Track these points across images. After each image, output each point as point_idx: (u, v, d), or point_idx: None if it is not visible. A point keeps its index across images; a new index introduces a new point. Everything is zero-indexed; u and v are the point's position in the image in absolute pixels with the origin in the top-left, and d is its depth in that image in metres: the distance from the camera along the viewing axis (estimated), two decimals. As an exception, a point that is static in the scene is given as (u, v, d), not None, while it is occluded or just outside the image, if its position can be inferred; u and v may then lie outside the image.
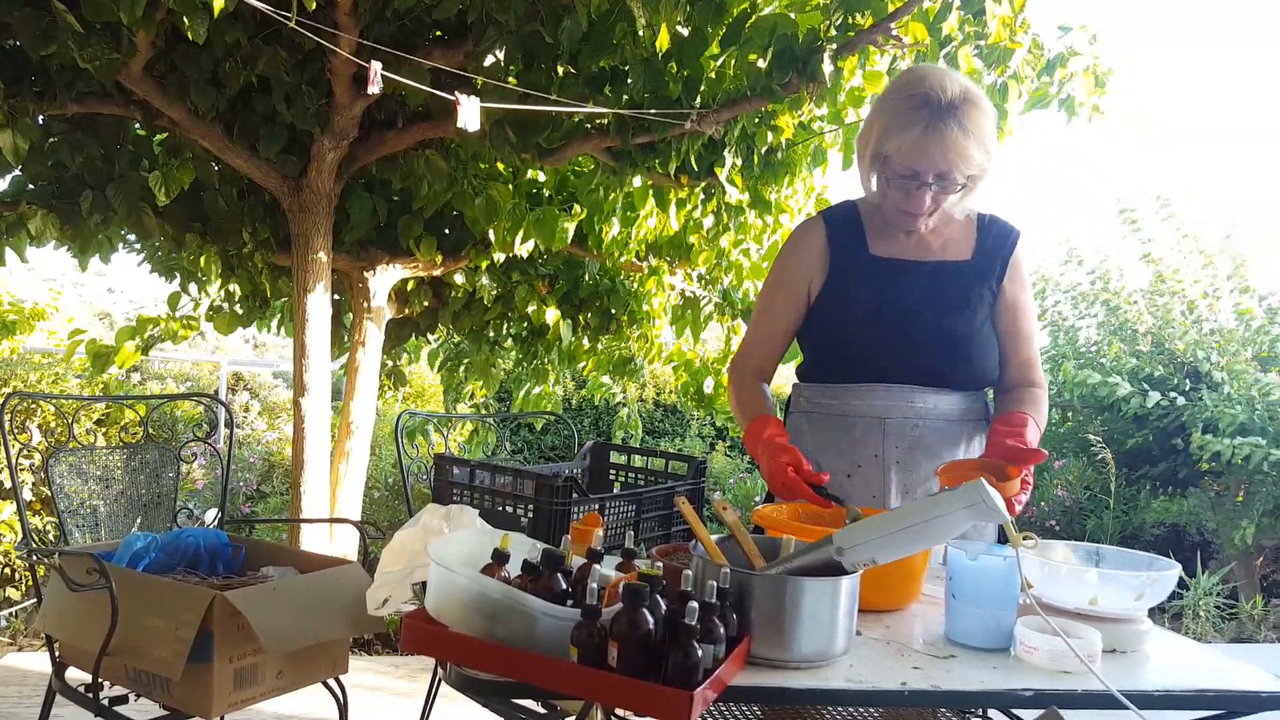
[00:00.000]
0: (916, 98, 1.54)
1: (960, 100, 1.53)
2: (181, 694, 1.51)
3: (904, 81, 1.61)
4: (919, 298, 1.67)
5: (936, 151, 1.53)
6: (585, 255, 4.13)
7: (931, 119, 1.52)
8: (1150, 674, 1.24)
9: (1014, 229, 1.75)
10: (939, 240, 1.72)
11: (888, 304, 1.66)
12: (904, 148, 1.55)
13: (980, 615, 1.27)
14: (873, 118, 1.63)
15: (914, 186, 1.58)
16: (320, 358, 3.58)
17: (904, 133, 1.54)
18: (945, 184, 1.58)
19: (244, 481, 6.48)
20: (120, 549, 1.71)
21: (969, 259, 1.71)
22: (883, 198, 1.66)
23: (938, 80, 1.54)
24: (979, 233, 1.72)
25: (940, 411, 1.69)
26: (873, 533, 1.16)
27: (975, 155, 1.55)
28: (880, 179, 1.65)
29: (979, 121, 1.54)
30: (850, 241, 1.73)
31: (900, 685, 1.12)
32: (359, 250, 3.90)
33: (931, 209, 1.63)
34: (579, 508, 1.57)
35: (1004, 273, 1.70)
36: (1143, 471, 6.71)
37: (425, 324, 4.48)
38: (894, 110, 1.57)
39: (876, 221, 1.73)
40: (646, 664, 0.99)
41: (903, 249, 1.71)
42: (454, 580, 1.06)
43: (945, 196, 1.61)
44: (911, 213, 1.63)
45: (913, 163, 1.56)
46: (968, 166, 1.56)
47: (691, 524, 1.28)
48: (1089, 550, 1.49)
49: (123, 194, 3.44)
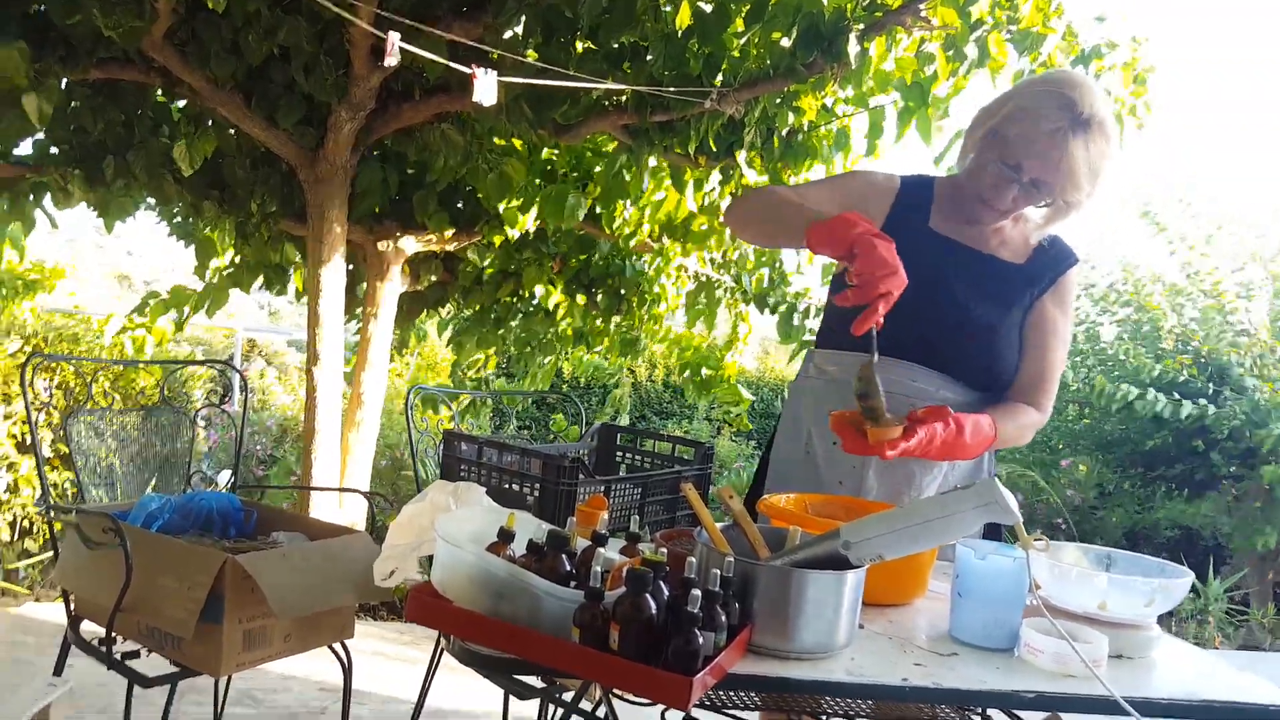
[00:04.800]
0: (1063, 97, 1.52)
1: (1096, 123, 1.52)
2: (192, 652, 1.55)
3: (1058, 78, 1.60)
4: (960, 283, 1.66)
5: (1051, 157, 1.52)
6: (598, 234, 4.12)
7: (1064, 125, 1.50)
8: (1156, 682, 1.23)
9: (1073, 253, 1.74)
10: (998, 239, 1.71)
11: (927, 280, 1.61)
12: (1025, 136, 1.53)
13: (986, 615, 1.26)
14: (1009, 96, 1.61)
15: (1008, 179, 1.57)
16: (334, 327, 3.59)
17: (1033, 123, 1.52)
18: (1036, 192, 1.57)
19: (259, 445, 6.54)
20: (135, 509, 1.74)
21: (1021, 264, 1.70)
22: (969, 177, 1.65)
23: (1089, 94, 1.52)
24: (1038, 245, 1.71)
25: (942, 398, 1.65)
26: (881, 528, 1.15)
27: (1082, 181, 1.54)
28: (979, 157, 1.62)
29: (1103, 151, 1.53)
30: (915, 209, 1.72)
31: (901, 680, 1.12)
32: (373, 222, 3.90)
33: (1009, 209, 1.62)
34: (585, 489, 1.57)
35: (1049, 288, 1.69)
36: (1159, 472, 6.65)
37: (435, 298, 4.49)
38: (1035, 98, 1.55)
39: (946, 201, 1.72)
40: (648, 647, 0.99)
41: (961, 233, 1.70)
42: (460, 557, 1.06)
43: (1028, 203, 1.61)
44: (990, 204, 1.62)
45: (1022, 155, 1.54)
46: (1070, 187, 1.55)
47: (697, 510, 1.27)
48: (1100, 554, 1.48)
49: (143, 160, 3.45)
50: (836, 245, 1.36)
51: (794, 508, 1.54)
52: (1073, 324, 1.76)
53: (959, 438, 1.45)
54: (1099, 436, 6.94)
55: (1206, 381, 6.24)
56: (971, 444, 1.48)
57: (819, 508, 1.58)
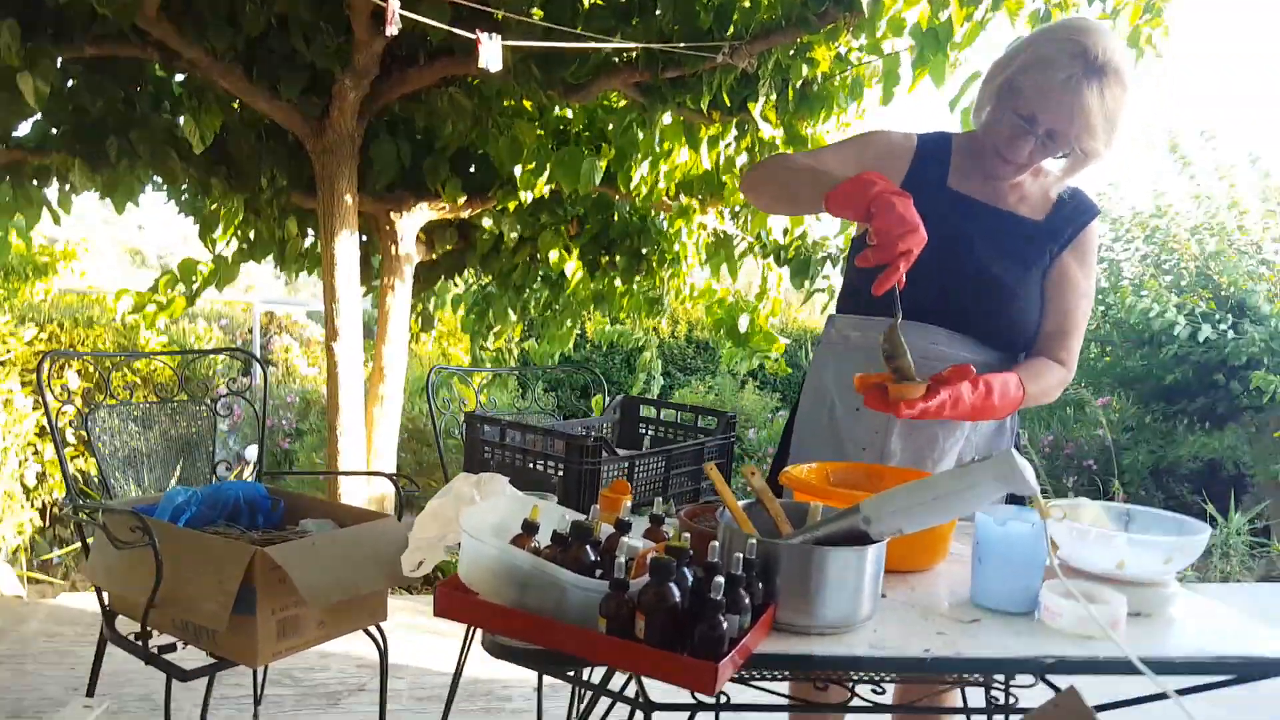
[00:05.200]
0: (1075, 44, 1.48)
1: (1111, 69, 1.48)
2: (227, 644, 1.58)
3: (1070, 26, 1.55)
4: (979, 242, 1.64)
5: (1065, 106, 1.49)
6: (614, 195, 4.08)
7: (1077, 73, 1.47)
8: (1174, 639, 1.24)
9: (1094, 205, 1.71)
10: (1017, 194, 1.69)
11: (946, 239, 1.59)
12: (1039, 86, 1.51)
13: (1006, 580, 1.28)
14: (1022, 46, 1.58)
15: (1023, 131, 1.54)
16: (350, 301, 3.61)
17: (1046, 73, 1.49)
18: (1053, 144, 1.55)
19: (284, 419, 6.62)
20: (162, 502, 1.76)
21: (1040, 220, 1.68)
22: (986, 132, 1.63)
23: (1101, 39, 1.49)
24: (1058, 199, 1.69)
25: (962, 359, 1.64)
26: (900, 503, 1.16)
27: (1099, 128, 1.50)
28: (994, 111, 1.60)
29: (1118, 98, 1.50)
30: (933, 169, 1.70)
31: (923, 652, 1.13)
32: (385, 192, 3.89)
33: (1026, 164, 1.60)
34: (609, 467, 1.58)
35: (1069, 243, 1.67)
36: (1180, 406, 6.64)
37: (452, 266, 4.48)
38: (1048, 46, 1.52)
39: (963, 158, 1.70)
40: (674, 635, 1.01)
41: (979, 190, 1.68)
42: (484, 550, 1.08)
43: (1045, 155, 1.58)
44: (1007, 159, 1.60)
45: (1036, 107, 1.52)
46: (1086, 136, 1.52)
47: (720, 491, 1.28)
48: (1119, 511, 1.48)
49: (146, 138, 3.44)
50: (855, 206, 1.34)
51: (815, 478, 1.55)
52: (1095, 278, 1.74)
53: (988, 399, 1.43)
54: (1121, 374, 6.91)
55: (1226, 313, 6.19)
56: (1000, 405, 1.47)
57: (841, 476, 1.59)
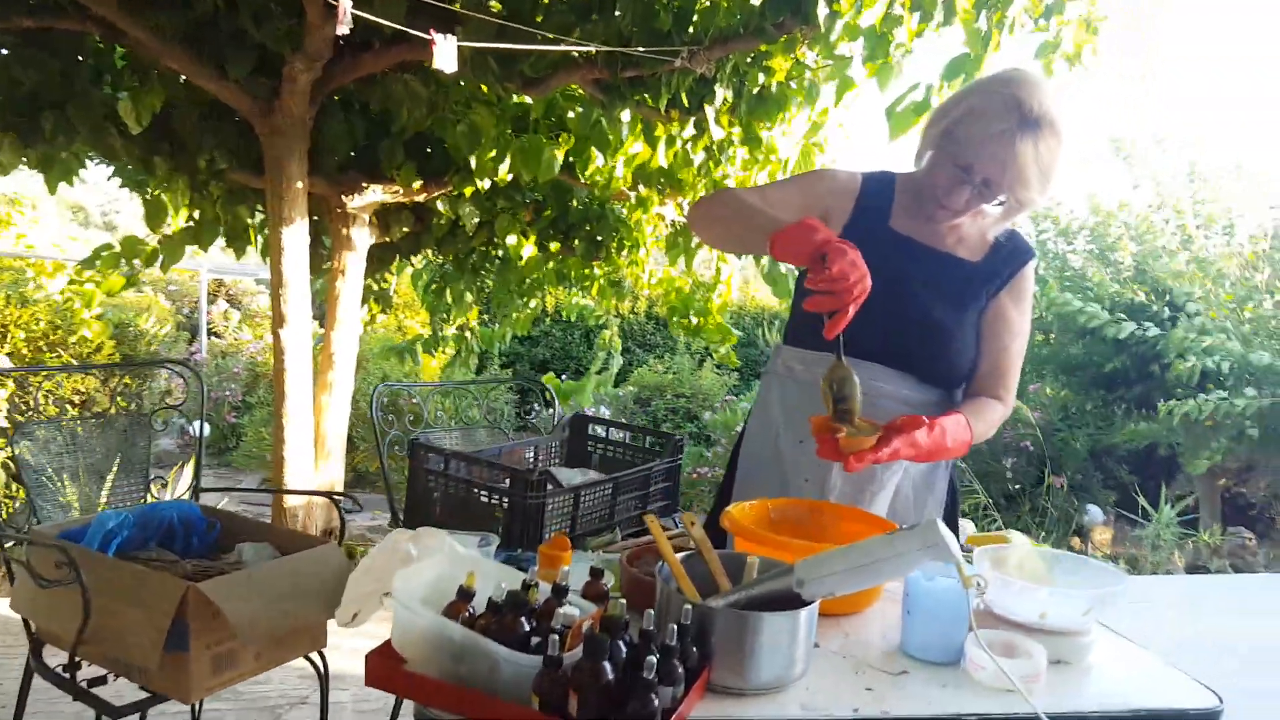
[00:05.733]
0: (1011, 98, 1.51)
1: (1046, 122, 1.50)
2: (160, 679, 1.54)
3: (1009, 78, 1.57)
4: (919, 283, 1.67)
5: (1000, 159, 1.52)
6: (573, 183, 4.04)
7: (1012, 125, 1.50)
8: (1091, 689, 1.29)
9: (1030, 248, 1.75)
10: (955, 236, 1.72)
11: (889, 281, 1.62)
12: (975, 138, 1.53)
13: (933, 633, 1.32)
14: (961, 96, 1.60)
15: (960, 180, 1.57)
16: (299, 287, 3.54)
17: (982, 125, 1.52)
18: (989, 192, 1.58)
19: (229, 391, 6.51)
20: (93, 527, 1.70)
21: (978, 261, 1.71)
22: (925, 177, 1.66)
23: (1036, 92, 1.51)
24: (995, 242, 1.72)
25: (903, 397, 1.69)
26: (832, 567, 1.19)
27: (1033, 180, 1.53)
28: (934, 158, 1.63)
29: (1053, 152, 1.53)
30: (876, 209, 1.73)
31: (852, 712, 1.17)
32: (336, 174, 3.80)
33: (963, 210, 1.63)
34: (554, 500, 1.59)
35: (1006, 284, 1.70)
36: (1119, 393, 6.85)
37: (407, 248, 4.41)
38: (984, 99, 1.54)
39: (906, 198, 1.73)
40: (608, 710, 1.02)
41: (920, 231, 1.71)
42: (417, 621, 1.08)
43: (981, 202, 1.61)
44: (945, 205, 1.63)
45: (973, 157, 1.55)
46: (1020, 187, 1.54)
47: (659, 543, 1.30)
48: (1047, 554, 1.54)
49: (84, 113, 3.30)
50: (799, 252, 1.36)
51: (756, 515, 1.58)
52: (1030, 317, 1.78)
53: (942, 440, 1.47)
54: (1063, 361, 7.09)
55: (1163, 306, 6.38)
56: (953, 446, 1.51)
57: (782, 513, 1.62)
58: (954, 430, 1.50)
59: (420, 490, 1.69)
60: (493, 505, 1.62)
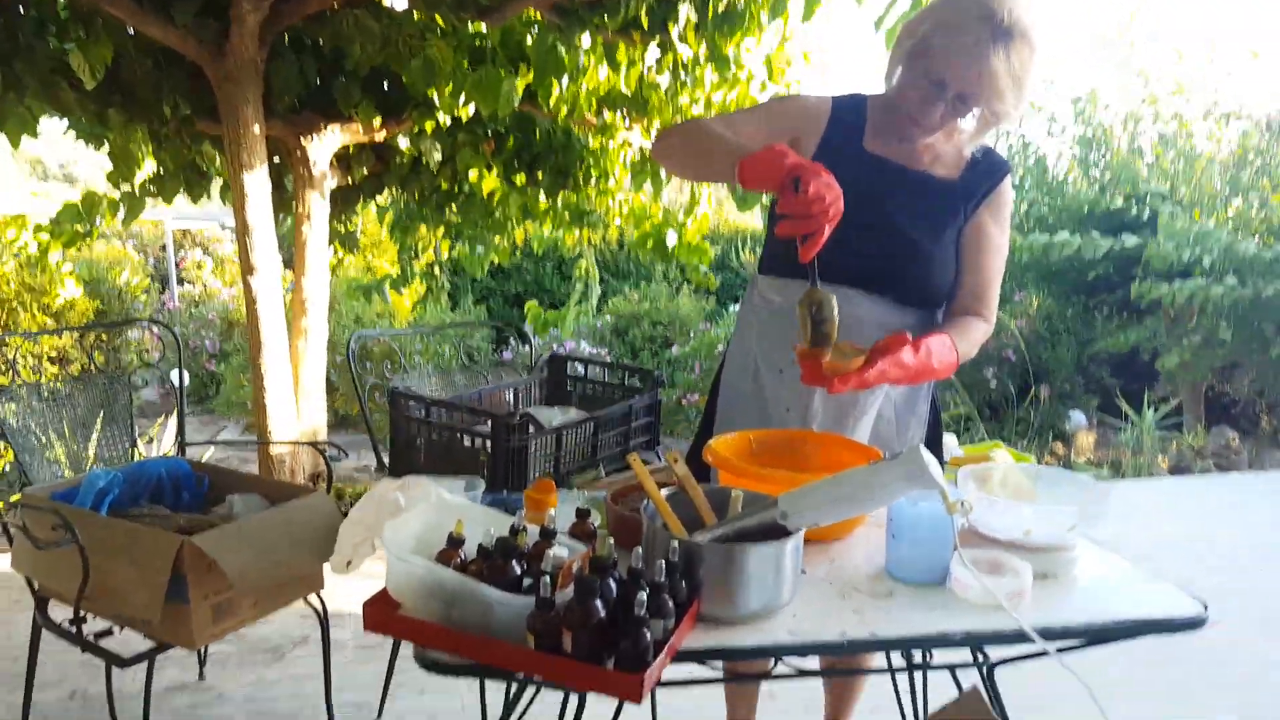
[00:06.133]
0: (982, 7, 1.47)
1: (1018, 31, 1.47)
2: (163, 630, 1.58)
3: None
4: (896, 205, 1.65)
5: (972, 70, 1.49)
6: (535, 113, 3.95)
7: (984, 36, 1.47)
8: (1075, 603, 1.32)
9: (1006, 163, 1.73)
10: (931, 155, 1.69)
11: (864, 202, 1.60)
12: (947, 50, 1.50)
13: (918, 556, 1.34)
14: (931, 9, 1.56)
15: (933, 95, 1.54)
16: (264, 233, 3.46)
17: (954, 37, 1.49)
18: (963, 106, 1.55)
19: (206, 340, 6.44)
20: (83, 487, 1.71)
21: (954, 179, 1.69)
22: (898, 95, 1.62)
23: (1008, 1, 1.47)
24: (971, 158, 1.69)
25: (882, 321, 1.68)
26: (815, 499, 1.20)
27: (1006, 92, 1.50)
28: (905, 74, 1.59)
29: (1025, 61, 1.49)
30: (849, 130, 1.69)
31: (840, 635, 1.20)
32: (294, 116, 3.69)
33: (937, 126, 1.60)
34: (536, 441, 1.59)
35: (984, 200, 1.68)
36: (1101, 299, 6.89)
37: (370, 189, 4.32)
38: (955, 11, 1.50)
39: (879, 119, 1.69)
40: (601, 646, 1.04)
41: (895, 152, 1.68)
42: (410, 569, 1.09)
43: (955, 119, 1.58)
44: (919, 122, 1.60)
45: (945, 71, 1.52)
46: (994, 99, 1.52)
47: (643, 482, 1.30)
48: (1029, 470, 1.56)
49: (32, 68, 3.18)
50: (768, 178, 1.34)
51: (738, 447, 1.59)
52: (1009, 233, 1.77)
53: (928, 361, 1.46)
54: (1045, 269, 7.11)
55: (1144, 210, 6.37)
56: (939, 367, 1.50)
57: (764, 442, 1.63)
58: (939, 351, 1.49)
59: (404, 438, 1.69)
60: (476, 449, 1.62)
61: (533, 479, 1.65)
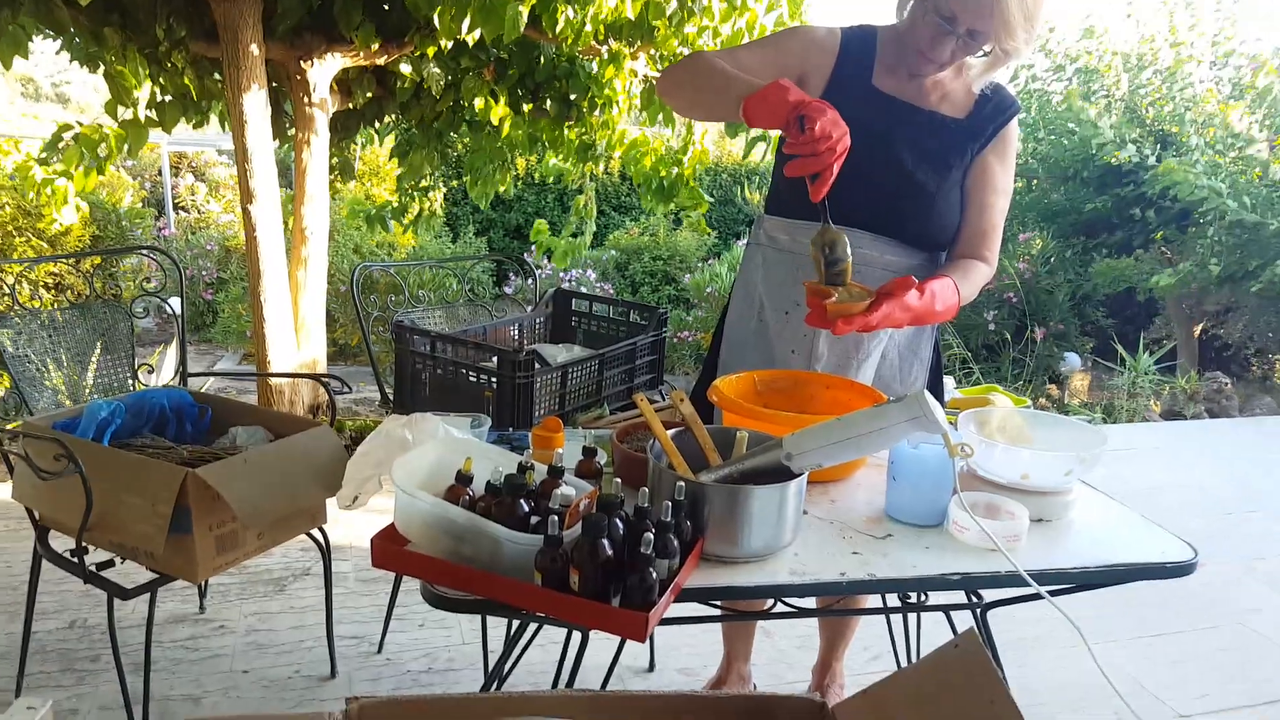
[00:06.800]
0: None
1: None
2: (166, 561, 1.59)
3: None
4: (903, 144, 1.63)
5: (984, 6, 1.46)
6: (540, 39, 3.85)
7: None
8: (1070, 546, 1.35)
9: (1014, 101, 1.70)
10: (939, 92, 1.67)
11: (872, 141, 1.59)
12: None
13: (917, 498, 1.36)
14: None
15: (944, 31, 1.52)
16: (264, 159, 3.42)
17: None
18: (973, 43, 1.53)
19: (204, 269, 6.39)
20: (85, 418, 1.71)
21: (962, 118, 1.66)
22: (908, 31, 1.59)
23: None
24: (980, 96, 1.67)
25: (887, 262, 1.68)
26: (819, 440, 1.21)
27: (1017, 28, 1.48)
28: (916, 10, 1.57)
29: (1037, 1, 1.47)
30: (858, 66, 1.66)
31: (839, 575, 1.22)
32: (293, 38, 3.60)
33: (948, 62, 1.58)
34: (541, 378, 1.60)
35: (990, 140, 1.66)
36: (1100, 239, 6.85)
37: (371, 114, 4.24)
38: None
39: (888, 54, 1.66)
40: (607, 585, 1.06)
41: (904, 89, 1.66)
42: (418, 505, 1.10)
43: (966, 54, 1.56)
44: (929, 57, 1.57)
45: (956, 7, 1.49)
46: (1005, 35, 1.49)
47: (649, 421, 1.31)
48: (1027, 414, 1.58)
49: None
50: (773, 116, 1.32)
51: (742, 388, 1.60)
52: (1013, 174, 1.75)
53: (932, 304, 1.46)
54: (1044, 208, 7.05)
55: (1154, 144, 6.29)
56: (942, 310, 1.50)
57: (769, 383, 1.64)
58: (943, 294, 1.49)
59: (408, 373, 1.69)
60: (481, 385, 1.62)
61: (538, 416, 1.66)
